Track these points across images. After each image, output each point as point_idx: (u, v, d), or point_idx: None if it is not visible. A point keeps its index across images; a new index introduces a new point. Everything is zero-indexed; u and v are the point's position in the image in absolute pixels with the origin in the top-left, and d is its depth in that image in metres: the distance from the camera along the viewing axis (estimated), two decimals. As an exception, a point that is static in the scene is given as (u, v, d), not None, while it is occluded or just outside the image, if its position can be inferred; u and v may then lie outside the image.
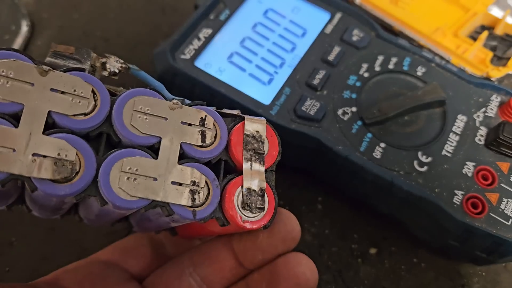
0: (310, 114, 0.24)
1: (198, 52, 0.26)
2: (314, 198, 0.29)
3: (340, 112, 0.25)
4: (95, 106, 0.15)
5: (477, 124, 0.25)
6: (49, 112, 0.14)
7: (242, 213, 0.17)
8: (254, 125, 0.18)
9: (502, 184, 0.23)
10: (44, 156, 0.14)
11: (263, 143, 0.18)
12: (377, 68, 0.26)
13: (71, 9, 0.38)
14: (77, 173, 0.14)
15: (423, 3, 0.37)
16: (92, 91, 0.16)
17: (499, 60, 0.33)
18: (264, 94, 0.25)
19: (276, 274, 0.19)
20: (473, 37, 0.34)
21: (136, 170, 0.15)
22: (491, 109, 0.25)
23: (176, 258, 0.21)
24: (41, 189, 0.14)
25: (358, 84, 0.26)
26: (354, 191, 0.26)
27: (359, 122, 0.25)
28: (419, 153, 0.24)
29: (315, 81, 0.26)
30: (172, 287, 0.20)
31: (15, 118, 0.14)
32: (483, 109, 0.25)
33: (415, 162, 0.24)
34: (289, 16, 0.29)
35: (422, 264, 0.27)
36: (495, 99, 0.26)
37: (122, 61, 0.19)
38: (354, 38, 0.27)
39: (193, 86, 0.25)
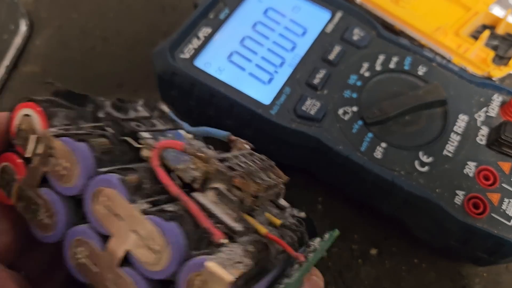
0: (310, 114, 0.24)
1: (198, 51, 0.26)
2: (315, 198, 0.29)
3: (340, 111, 0.25)
4: (166, 259, 0.15)
5: (479, 124, 0.25)
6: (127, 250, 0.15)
7: None
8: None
9: (503, 184, 0.23)
10: None
11: None
12: (378, 68, 0.26)
13: (70, 8, 0.38)
14: None
15: (424, 2, 0.36)
16: (165, 242, 0.15)
17: (500, 59, 0.33)
18: (264, 94, 0.25)
19: None
20: (475, 36, 0.34)
21: None
22: (493, 108, 0.25)
23: None
24: None
25: (358, 83, 0.26)
26: (354, 191, 0.26)
27: (360, 122, 0.24)
28: (420, 153, 0.24)
29: (316, 81, 0.25)
30: None
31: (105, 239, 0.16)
32: (485, 109, 0.25)
33: (416, 162, 0.23)
34: (290, 15, 0.29)
35: (423, 265, 0.26)
36: (497, 99, 0.26)
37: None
38: (355, 37, 0.27)
39: (193, 86, 0.25)
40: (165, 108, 0.22)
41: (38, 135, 0.17)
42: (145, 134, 0.18)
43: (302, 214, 0.20)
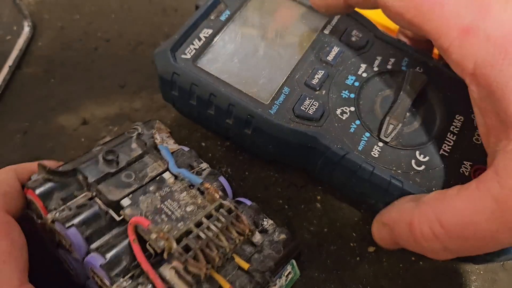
0: (308, 114, 0.25)
1: (199, 52, 0.27)
2: (313, 196, 0.29)
3: (338, 111, 0.25)
4: None
5: (475, 124, 0.25)
6: None
7: None
8: None
9: None
10: None
11: None
12: (376, 68, 0.27)
13: (72, 9, 0.39)
14: None
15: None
16: None
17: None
18: (263, 93, 0.26)
19: None
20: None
21: None
22: None
23: None
24: None
25: (356, 84, 0.26)
26: (351, 190, 0.26)
27: (357, 122, 0.25)
28: (417, 152, 0.24)
29: (314, 81, 0.26)
30: None
31: None
32: None
33: (413, 161, 0.24)
34: (289, 16, 0.29)
35: (420, 263, 0.27)
36: None
37: None
38: (353, 39, 0.28)
39: (193, 85, 0.26)
40: (158, 140, 0.25)
41: (41, 220, 0.21)
42: (126, 201, 0.22)
43: (282, 237, 0.22)
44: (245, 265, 0.20)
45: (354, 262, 0.27)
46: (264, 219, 0.23)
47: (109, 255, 0.20)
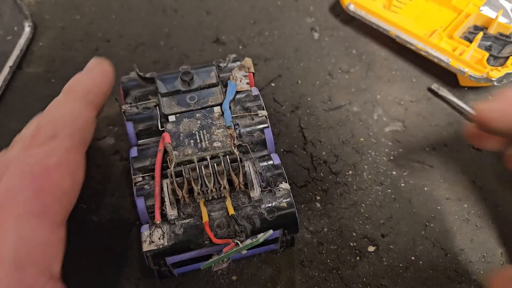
0: None
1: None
2: (313, 196, 0.29)
3: None
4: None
5: None
6: None
7: None
8: None
9: None
10: None
11: None
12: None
13: (73, 10, 0.39)
14: None
15: (415, 7, 0.37)
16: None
17: (495, 59, 0.33)
18: None
19: None
20: (467, 37, 0.35)
21: None
22: None
23: None
24: None
25: None
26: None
27: None
28: None
29: None
30: None
31: None
32: None
33: None
34: None
35: (420, 262, 0.27)
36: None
37: None
38: None
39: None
40: (232, 75, 0.27)
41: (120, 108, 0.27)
42: (172, 118, 0.26)
43: (283, 204, 0.23)
44: (231, 211, 0.22)
45: (354, 261, 0.27)
46: (282, 183, 0.24)
47: (140, 153, 0.24)
